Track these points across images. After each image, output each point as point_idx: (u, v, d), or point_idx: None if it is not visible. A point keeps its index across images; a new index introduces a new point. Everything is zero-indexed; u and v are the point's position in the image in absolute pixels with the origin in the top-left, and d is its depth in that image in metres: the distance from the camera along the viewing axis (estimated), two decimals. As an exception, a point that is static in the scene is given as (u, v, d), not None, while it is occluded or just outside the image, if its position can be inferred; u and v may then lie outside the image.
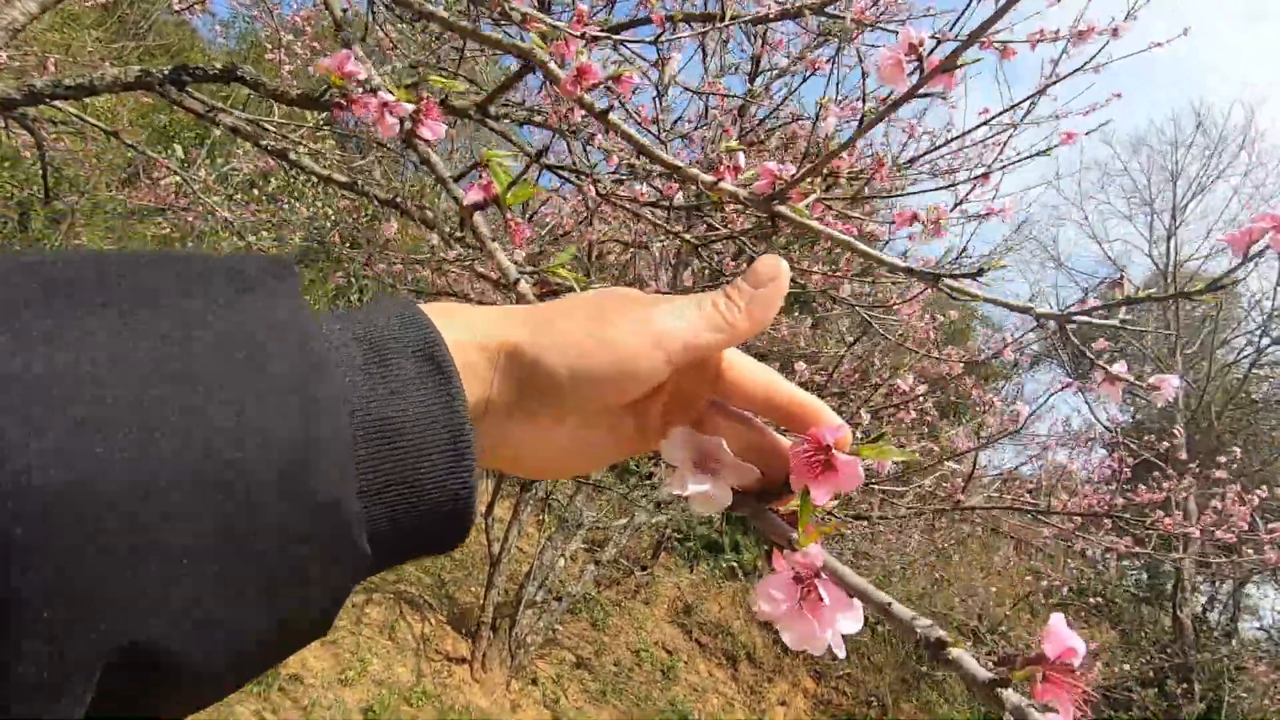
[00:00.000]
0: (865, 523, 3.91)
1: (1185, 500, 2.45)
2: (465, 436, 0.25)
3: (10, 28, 1.66)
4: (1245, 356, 9.11)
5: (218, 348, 0.20)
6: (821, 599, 0.29)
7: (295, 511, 0.20)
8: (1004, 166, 2.34)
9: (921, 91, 0.60)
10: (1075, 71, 2.19)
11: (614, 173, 2.06)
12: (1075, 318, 0.78)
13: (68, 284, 0.19)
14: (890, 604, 0.29)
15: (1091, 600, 5.99)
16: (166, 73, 1.61)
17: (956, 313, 3.69)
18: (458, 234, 2.04)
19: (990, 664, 0.27)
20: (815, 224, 0.75)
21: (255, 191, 4.63)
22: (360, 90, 0.81)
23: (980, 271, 0.75)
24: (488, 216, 0.76)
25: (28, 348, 0.17)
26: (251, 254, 0.25)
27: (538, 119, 1.98)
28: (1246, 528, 2.62)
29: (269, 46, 2.98)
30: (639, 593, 6.51)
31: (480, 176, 0.74)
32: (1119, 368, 0.87)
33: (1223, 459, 2.98)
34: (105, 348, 0.18)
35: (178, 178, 2.76)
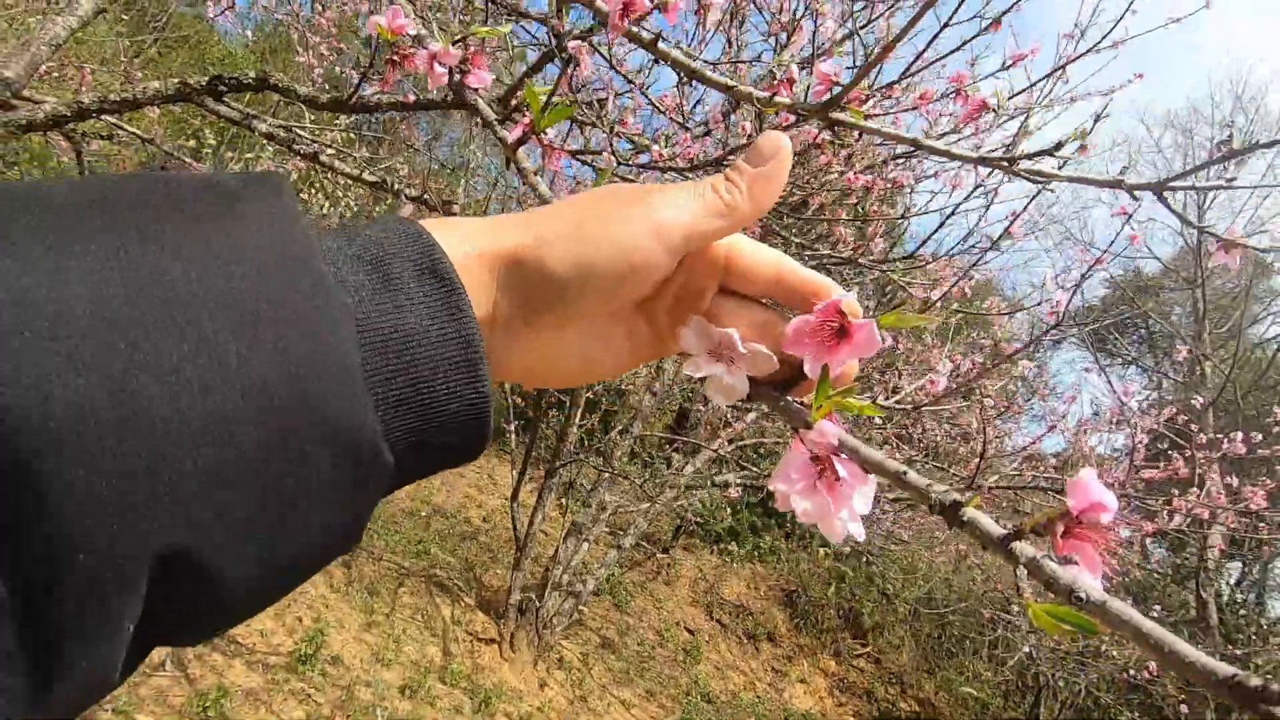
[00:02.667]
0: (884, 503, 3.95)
1: (1204, 478, 2.43)
2: (476, 346, 0.25)
3: (53, 42, 1.73)
4: (1276, 337, 8.93)
5: (216, 267, 0.19)
6: (838, 476, 0.28)
7: (313, 430, 0.20)
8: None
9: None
10: (1091, 50, 2.15)
11: (633, 155, 2.09)
12: (1172, 184, 0.72)
13: (72, 209, 0.19)
14: (905, 472, 0.28)
15: (1114, 580, 5.98)
16: (204, 84, 1.67)
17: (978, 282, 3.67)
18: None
19: (1010, 525, 0.25)
20: (873, 125, 0.74)
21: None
22: (411, 44, 0.82)
23: (1059, 146, 0.71)
24: (530, 152, 0.79)
25: (39, 275, 0.17)
26: (243, 172, 0.25)
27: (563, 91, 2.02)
28: (1265, 506, 2.61)
29: (296, 46, 3.02)
30: (661, 575, 6.60)
31: (521, 117, 0.75)
32: (1235, 230, 0.78)
33: (1239, 435, 2.94)
34: (116, 275, 0.18)
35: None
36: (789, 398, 0.32)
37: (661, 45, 0.81)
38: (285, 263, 0.21)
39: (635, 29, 0.80)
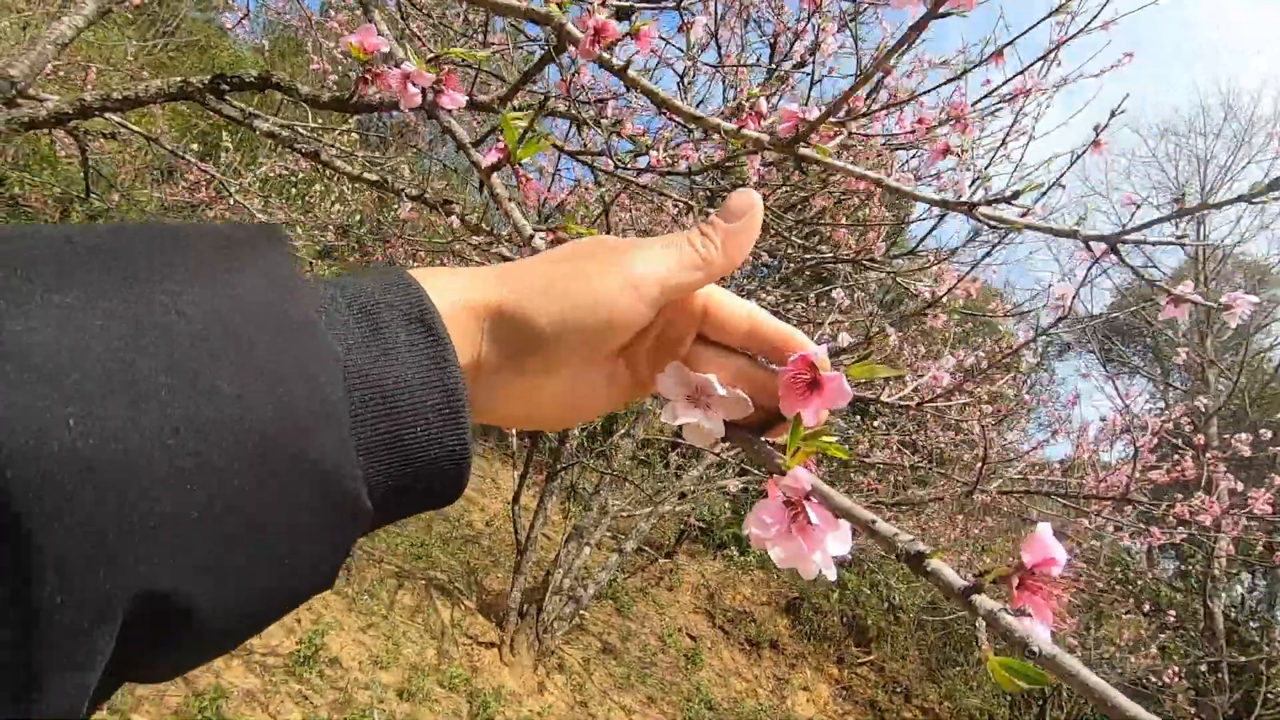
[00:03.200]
0: (885, 509, 3.92)
1: (1210, 484, 2.39)
2: (459, 395, 0.26)
3: (59, 41, 1.73)
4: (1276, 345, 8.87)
5: (213, 316, 0.20)
6: (810, 521, 0.30)
7: (295, 473, 0.21)
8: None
9: (941, 10, 0.57)
10: (1083, 31, 2.12)
11: (632, 159, 2.09)
12: (1126, 237, 0.73)
13: (73, 255, 0.19)
14: (874, 521, 0.29)
15: (1120, 589, 5.92)
16: (206, 83, 1.68)
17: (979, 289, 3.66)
18: (481, 225, 2.09)
19: (971, 576, 0.27)
20: (840, 163, 0.75)
21: (293, 191, 4.74)
22: (384, 64, 0.83)
23: (1016, 194, 0.72)
24: (504, 178, 0.79)
25: (43, 327, 0.17)
26: (241, 223, 0.26)
27: (560, 108, 2.02)
28: (1271, 511, 2.57)
29: (304, 47, 3.04)
30: (663, 580, 6.58)
31: (497, 141, 0.76)
32: (1185, 287, 0.79)
33: (1246, 436, 2.90)
34: (111, 321, 0.18)
35: (214, 178, 2.84)
36: (764, 439, 0.34)
37: (631, 73, 0.81)
38: (282, 311, 0.22)
39: (605, 55, 0.80)
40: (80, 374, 0.17)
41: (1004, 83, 2.15)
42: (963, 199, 0.75)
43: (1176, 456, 2.99)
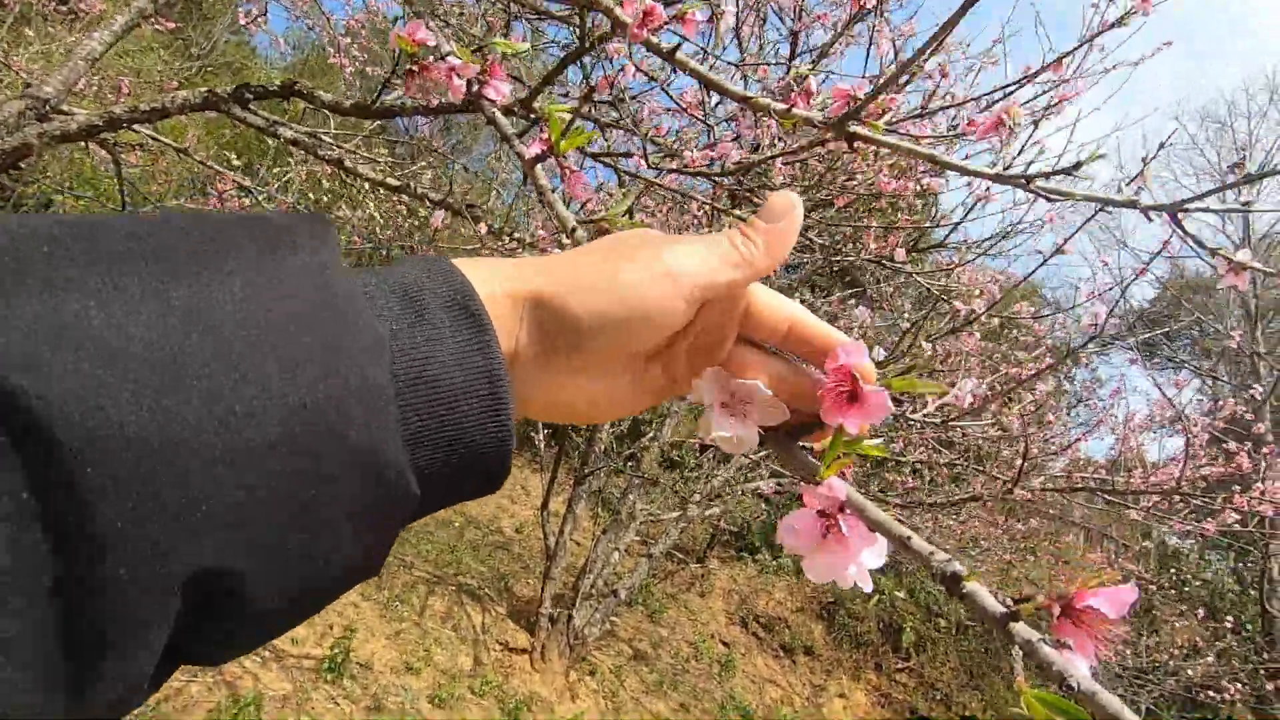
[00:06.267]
0: (922, 509, 3.82)
1: (1266, 475, 2.27)
2: (503, 382, 0.26)
3: (89, 57, 1.77)
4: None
5: (258, 303, 0.21)
6: (844, 533, 0.29)
7: (341, 456, 0.21)
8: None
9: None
10: (1121, 20, 2.06)
11: (663, 159, 2.06)
12: (1188, 206, 0.70)
13: (127, 247, 0.20)
14: (910, 537, 0.28)
15: (1171, 591, 5.70)
16: (230, 92, 1.70)
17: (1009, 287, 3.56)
18: (508, 231, 2.08)
19: (1010, 601, 0.26)
20: (892, 140, 0.73)
21: (316, 200, 4.83)
22: (431, 57, 0.84)
23: (1078, 165, 0.69)
24: (548, 170, 0.78)
25: (99, 310, 0.18)
26: (288, 212, 0.26)
27: (584, 110, 2.01)
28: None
29: (331, 51, 3.10)
30: (694, 585, 6.52)
31: (540, 132, 0.76)
32: (1244, 253, 0.76)
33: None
34: (161, 308, 0.19)
35: (242, 189, 2.90)
36: (800, 444, 0.33)
37: (680, 55, 0.82)
38: (328, 296, 0.22)
39: (653, 38, 0.80)
40: (135, 358, 0.18)
41: (1051, 86, 2.09)
42: (1017, 173, 0.71)
43: (1228, 450, 2.86)
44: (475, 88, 0.81)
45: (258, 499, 0.19)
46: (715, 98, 2.83)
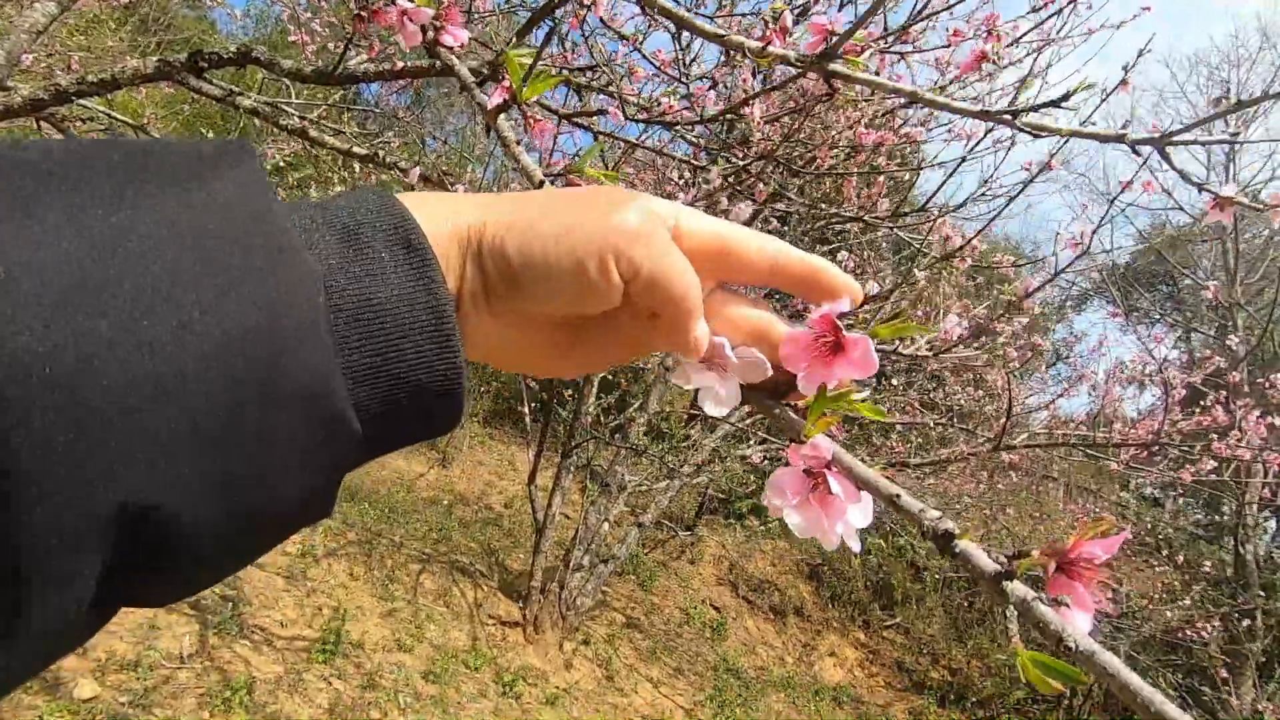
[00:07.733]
0: (908, 470, 3.87)
1: (1243, 423, 2.31)
2: (448, 317, 0.25)
3: (32, 30, 1.68)
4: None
5: (184, 231, 0.19)
6: (831, 491, 0.29)
7: (274, 389, 0.20)
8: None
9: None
10: None
11: (639, 111, 2.02)
12: (1175, 138, 0.69)
13: (46, 171, 0.19)
14: (899, 495, 0.27)
15: (1148, 540, 5.85)
16: (183, 61, 1.62)
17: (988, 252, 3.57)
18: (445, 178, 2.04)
19: (1004, 558, 0.25)
20: (873, 78, 0.71)
21: (293, 179, 4.71)
22: (382, 1, 0.80)
23: (1066, 96, 0.67)
24: (512, 122, 0.74)
25: (6, 235, 0.17)
26: (217, 138, 0.24)
27: (550, 60, 1.95)
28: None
29: (291, 29, 2.97)
30: (685, 553, 6.59)
31: (502, 79, 0.72)
32: (1229, 188, 0.76)
33: (1278, 376, 2.82)
34: (80, 238, 0.18)
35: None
36: (786, 403, 0.31)
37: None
38: (254, 225, 0.21)
39: None
40: (51, 290, 0.17)
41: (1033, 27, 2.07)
42: (1004, 109, 0.69)
43: (1205, 403, 2.90)
44: (430, 34, 0.76)
45: (183, 433, 0.18)
46: (691, 56, 2.76)
